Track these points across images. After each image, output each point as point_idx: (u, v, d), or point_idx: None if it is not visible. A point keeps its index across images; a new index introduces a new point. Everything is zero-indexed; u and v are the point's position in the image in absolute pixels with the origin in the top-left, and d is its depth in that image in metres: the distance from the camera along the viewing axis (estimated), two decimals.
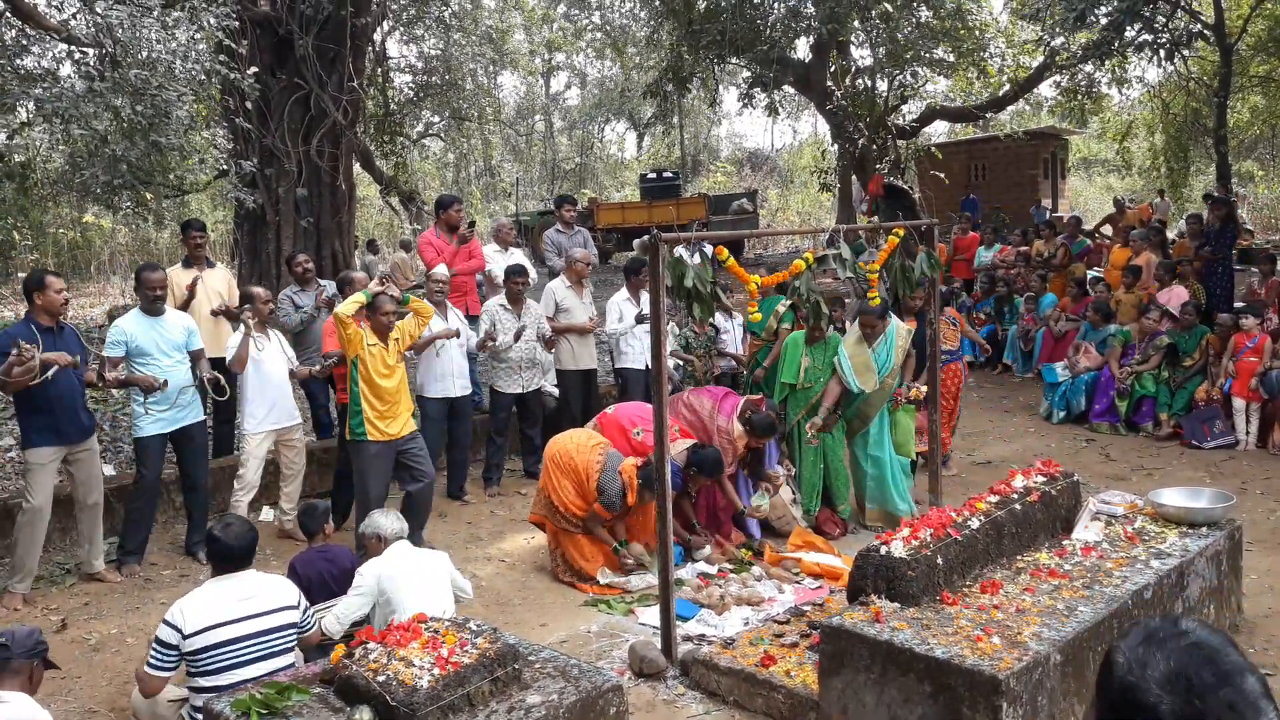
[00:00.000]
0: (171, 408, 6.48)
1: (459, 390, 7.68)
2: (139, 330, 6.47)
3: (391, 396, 6.23)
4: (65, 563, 6.63)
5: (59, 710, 4.63)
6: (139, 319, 6.54)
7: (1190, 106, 21.77)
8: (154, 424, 6.48)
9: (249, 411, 6.97)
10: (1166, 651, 1.32)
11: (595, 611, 5.90)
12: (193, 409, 6.69)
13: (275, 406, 6.97)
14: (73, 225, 18.58)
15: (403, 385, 6.35)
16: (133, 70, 8.30)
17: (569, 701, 3.73)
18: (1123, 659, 1.34)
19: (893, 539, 4.60)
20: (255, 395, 6.92)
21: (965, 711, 3.80)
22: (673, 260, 5.13)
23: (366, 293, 6.15)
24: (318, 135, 15.39)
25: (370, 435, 6.16)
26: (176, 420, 6.56)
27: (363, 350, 6.13)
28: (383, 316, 6.19)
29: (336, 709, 3.66)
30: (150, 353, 6.42)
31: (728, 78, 29.08)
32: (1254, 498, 7.47)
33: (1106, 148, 31.72)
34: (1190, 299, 10.13)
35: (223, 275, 8.02)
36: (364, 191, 23.97)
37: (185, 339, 6.66)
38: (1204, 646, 1.33)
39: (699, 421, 6.73)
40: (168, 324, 6.62)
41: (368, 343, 6.15)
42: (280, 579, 4.45)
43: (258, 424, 6.93)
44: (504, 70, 29.52)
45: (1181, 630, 1.36)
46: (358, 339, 6.10)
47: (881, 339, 7.06)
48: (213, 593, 4.17)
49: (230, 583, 4.20)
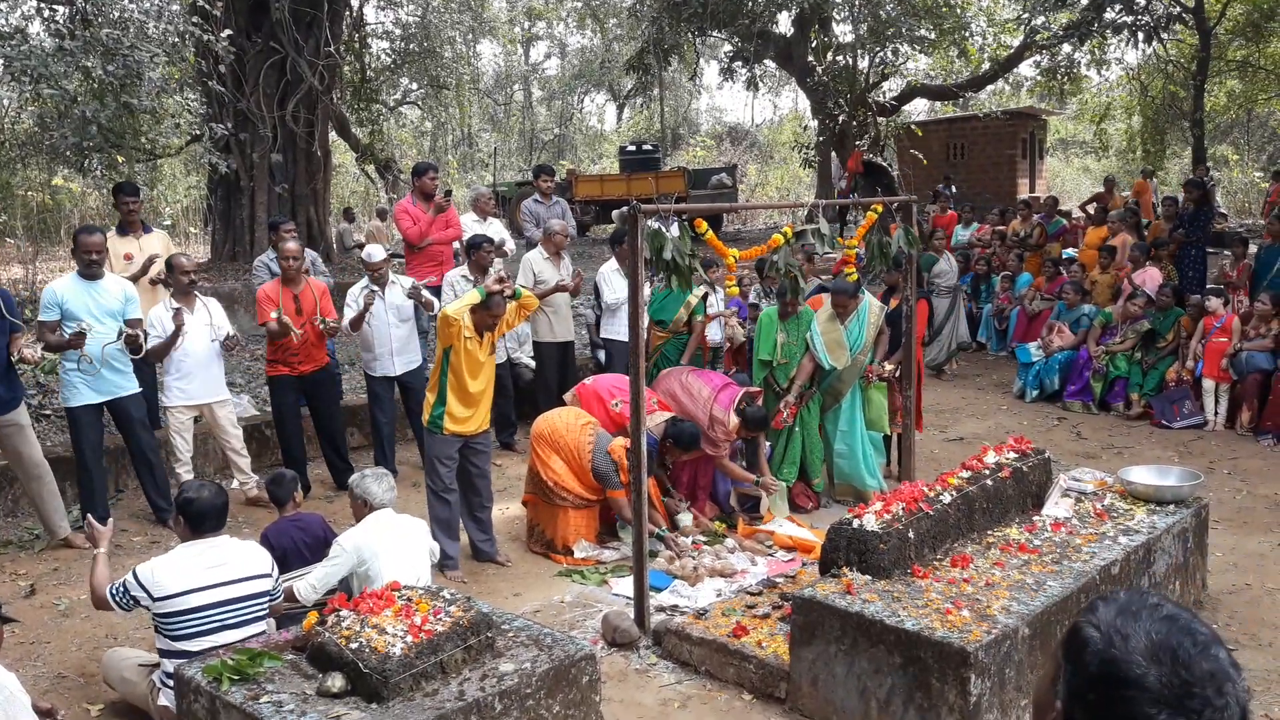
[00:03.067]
0: (101, 377, 6.28)
1: (401, 368, 7.40)
2: (72, 294, 6.27)
3: (477, 399, 5.86)
4: (34, 528, 6.57)
5: (27, 675, 4.60)
6: (74, 282, 6.34)
7: (1168, 89, 21.87)
8: (82, 394, 6.29)
9: (166, 383, 6.76)
10: (1145, 623, 1.30)
11: (569, 582, 5.92)
12: (126, 378, 6.47)
13: (193, 380, 6.72)
14: (42, 188, 18.26)
15: (489, 388, 5.97)
16: (104, 29, 8.17)
17: (542, 670, 3.74)
18: (1098, 633, 1.31)
19: (865, 512, 4.64)
20: (173, 368, 6.68)
21: (934, 683, 3.84)
22: (652, 232, 5.11)
23: (481, 290, 5.68)
24: (293, 100, 15.21)
25: (447, 429, 5.81)
26: (108, 391, 6.36)
27: (459, 342, 5.67)
28: (490, 316, 5.75)
29: (308, 675, 3.65)
30: (81, 317, 6.14)
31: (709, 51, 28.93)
32: (1221, 477, 7.58)
33: (1084, 129, 31.84)
34: (1165, 280, 10.21)
35: (160, 240, 7.76)
36: (340, 159, 23.68)
37: (122, 306, 6.43)
38: (1179, 618, 1.32)
39: (691, 404, 6.68)
40: (104, 289, 6.39)
41: (465, 335, 5.67)
42: (254, 546, 4.41)
43: (174, 398, 6.73)
44: (483, 38, 29.23)
45: (1154, 603, 1.34)
46: (457, 329, 5.65)
47: (854, 316, 7.09)
48: (186, 557, 4.13)
49: (203, 548, 4.17)
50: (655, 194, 20.72)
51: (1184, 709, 1.23)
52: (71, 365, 6.26)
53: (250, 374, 9.68)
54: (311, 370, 7.18)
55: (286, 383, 7.14)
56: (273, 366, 7.18)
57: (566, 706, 3.80)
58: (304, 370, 7.14)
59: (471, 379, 5.77)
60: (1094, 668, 1.28)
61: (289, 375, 7.12)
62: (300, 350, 7.07)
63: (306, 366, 7.15)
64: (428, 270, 8.46)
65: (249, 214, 15.46)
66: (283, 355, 7.08)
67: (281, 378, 7.14)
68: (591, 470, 6.21)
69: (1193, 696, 1.24)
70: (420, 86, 21.74)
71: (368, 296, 7.20)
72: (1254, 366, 8.68)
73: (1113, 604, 1.34)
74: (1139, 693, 1.24)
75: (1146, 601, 1.34)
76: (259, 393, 8.90)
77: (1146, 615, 1.31)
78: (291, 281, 7.10)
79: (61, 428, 7.49)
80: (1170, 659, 1.25)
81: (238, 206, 15.70)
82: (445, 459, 5.88)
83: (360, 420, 8.31)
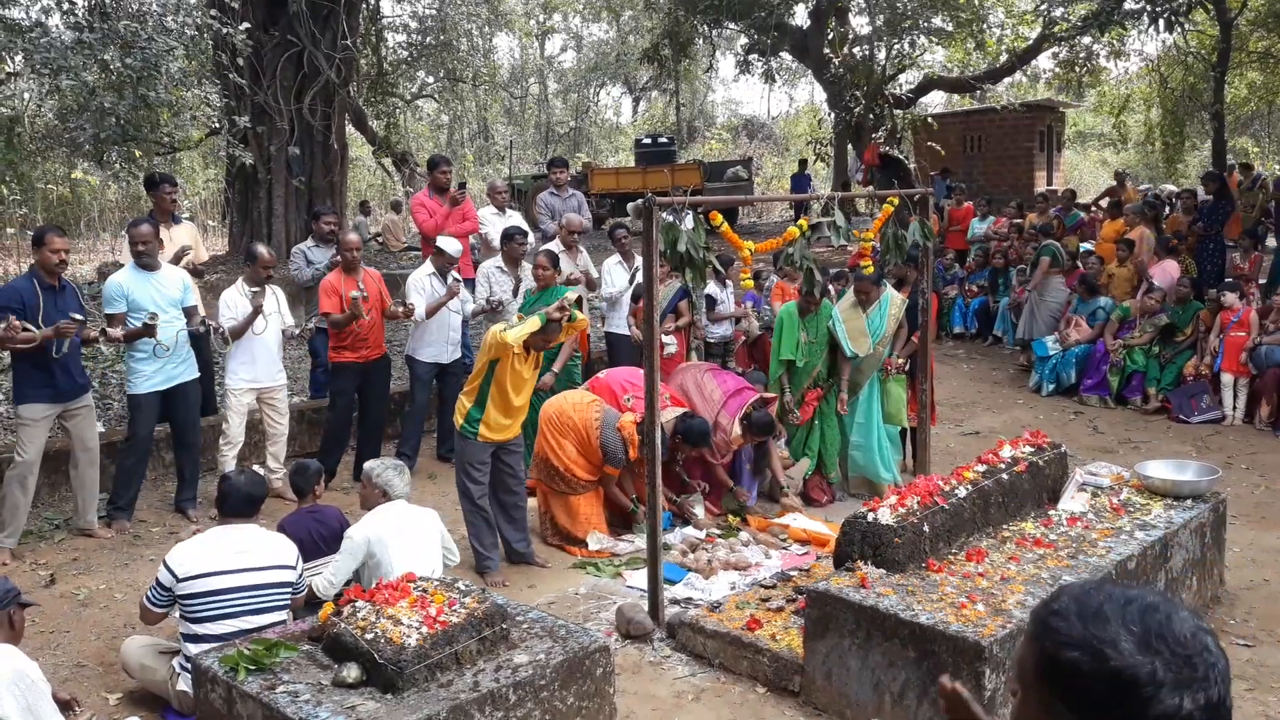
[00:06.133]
0: (167, 364, 6.46)
1: (449, 356, 7.62)
2: (135, 285, 6.44)
3: (518, 412, 5.82)
4: (54, 518, 6.63)
5: (48, 663, 4.64)
6: (133, 274, 6.50)
7: (1188, 81, 21.68)
8: (148, 381, 6.45)
9: (230, 367, 6.96)
10: (1114, 622, 1.28)
11: (583, 574, 5.93)
12: (187, 366, 6.66)
13: (258, 363, 6.92)
14: (62, 181, 18.39)
15: (527, 403, 5.93)
16: (122, 22, 8.20)
17: (556, 661, 3.75)
18: (1080, 653, 1.27)
19: (880, 506, 4.63)
20: (239, 350, 6.88)
21: None
22: (666, 225, 5.10)
23: (542, 316, 5.56)
24: (310, 93, 15.25)
25: (483, 436, 5.74)
26: (172, 377, 6.54)
27: (507, 360, 5.59)
28: (544, 341, 5.70)
29: (324, 666, 3.68)
30: (146, 308, 6.37)
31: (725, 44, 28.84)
32: (1239, 472, 7.53)
33: (1103, 121, 31.61)
34: (1183, 274, 10.14)
35: (188, 231, 7.87)
36: (357, 152, 23.75)
37: (182, 294, 6.63)
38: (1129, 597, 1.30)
39: (702, 404, 6.66)
40: (163, 279, 6.58)
41: (514, 351, 5.57)
42: (282, 538, 4.50)
43: (239, 379, 6.91)
44: (499, 31, 29.21)
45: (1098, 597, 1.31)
46: (510, 351, 5.55)
47: (875, 305, 7.09)
48: (213, 541, 4.23)
49: (231, 532, 4.26)
50: (671, 187, 20.70)
51: (1195, 680, 1.24)
52: (143, 354, 6.40)
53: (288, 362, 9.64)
54: (375, 357, 7.37)
55: (352, 370, 7.29)
56: (338, 353, 7.29)
57: (580, 698, 3.81)
58: (368, 356, 7.30)
59: (515, 394, 5.73)
60: (1101, 686, 1.26)
61: (355, 361, 7.25)
62: (370, 336, 7.24)
63: (373, 353, 7.33)
64: None
65: (266, 207, 15.53)
66: (351, 341, 7.21)
67: (347, 364, 7.27)
68: (600, 446, 6.18)
69: (1194, 665, 1.25)
70: (436, 79, 21.78)
71: (454, 285, 7.37)
72: (1273, 361, 8.62)
73: (1069, 617, 1.30)
74: (1156, 688, 1.23)
75: (1094, 601, 1.31)
76: (294, 385, 8.90)
77: (1111, 612, 1.29)
78: (353, 270, 7.23)
79: (101, 417, 7.59)
80: (1160, 642, 1.25)
81: (255, 199, 15.77)
82: (478, 464, 5.80)
83: (392, 408, 8.32)
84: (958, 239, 14.08)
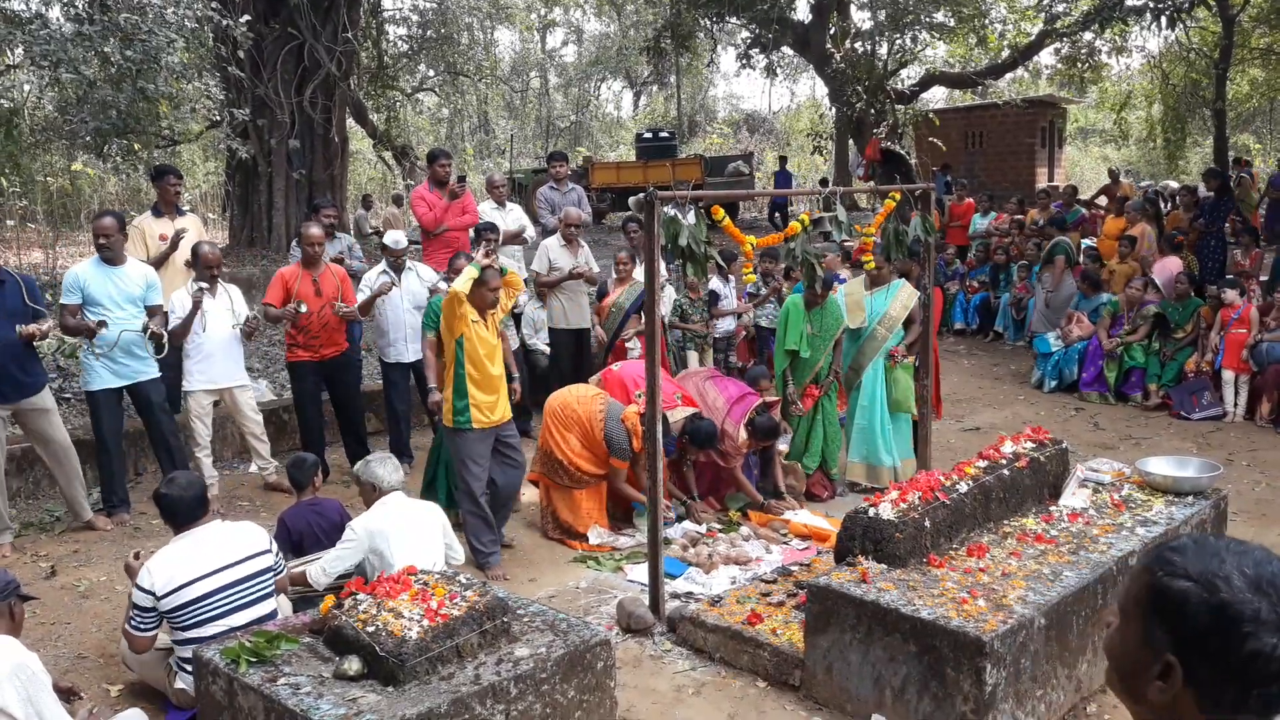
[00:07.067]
0: (121, 362, 6.30)
1: (413, 355, 7.37)
2: (93, 278, 6.27)
3: (496, 384, 5.79)
4: (54, 510, 6.63)
5: (48, 655, 4.64)
6: (94, 267, 6.34)
7: (1190, 77, 21.65)
8: (100, 378, 6.31)
9: (187, 368, 6.78)
10: (1231, 563, 1.35)
11: (584, 568, 5.93)
12: (147, 365, 6.47)
13: (214, 364, 6.76)
14: (62, 173, 18.37)
15: (503, 371, 5.92)
16: (122, 14, 8.18)
17: (557, 655, 3.75)
18: (1192, 583, 1.35)
19: (881, 501, 4.63)
20: (193, 351, 6.72)
21: (949, 672, 3.84)
22: (668, 219, 5.09)
23: (476, 265, 5.59)
24: (311, 86, 15.23)
25: (476, 423, 5.70)
26: (128, 375, 6.37)
27: (468, 328, 5.60)
28: (489, 291, 5.67)
29: (325, 658, 3.68)
30: (101, 303, 6.18)
31: (726, 38, 28.80)
32: (1240, 469, 7.53)
33: (1104, 118, 31.57)
34: (1183, 270, 10.13)
35: (193, 222, 7.80)
36: (357, 145, 23.72)
37: (143, 292, 6.43)
38: (1250, 550, 1.38)
39: (706, 412, 6.64)
40: (126, 275, 6.39)
41: (471, 319, 5.61)
42: (248, 525, 4.37)
43: (195, 381, 6.77)
44: (500, 25, 29.17)
45: (1218, 544, 1.39)
46: (465, 316, 5.61)
47: (884, 288, 7.15)
48: (180, 550, 4.09)
49: (195, 537, 4.14)
50: (672, 181, 20.68)
51: None
52: (100, 350, 6.28)
53: (268, 359, 9.72)
54: (332, 355, 7.16)
55: (307, 368, 7.12)
56: (292, 351, 7.16)
57: (581, 691, 3.82)
58: (325, 355, 7.12)
59: (489, 362, 5.71)
60: (1205, 615, 1.33)
61: (310, 360, 7.10)
62: (320, 334, 7.06)
63: (328, 351, 7.13)
64: (444, 257, 8.43)
65: (267, 200, 15.52)
66: (303, 339, 7.05)
67: (302, 363, 7.12)
68: (605, 439, 6.17)
69: None
70: (437, 73, 21.76)
71: (384, 284, 7.21)
72: (1274, 358, 8.61)
73: (1186, 553, 1.39)
74: (1257, 626, 1.30)
75: (1213, 545, 1.39)
76: (277, 378, 8.94)
77: (1227, 555, 1.37)
78: (312, 265, 7.10)
79: (82, 411, 7.54)
80: (1270, 588, 1.33)
81: (255, 192, 15.75)
82: (478, 458, 5.74)
83: (377, 406, 8.34)
84: (959, 235, 14.08)
